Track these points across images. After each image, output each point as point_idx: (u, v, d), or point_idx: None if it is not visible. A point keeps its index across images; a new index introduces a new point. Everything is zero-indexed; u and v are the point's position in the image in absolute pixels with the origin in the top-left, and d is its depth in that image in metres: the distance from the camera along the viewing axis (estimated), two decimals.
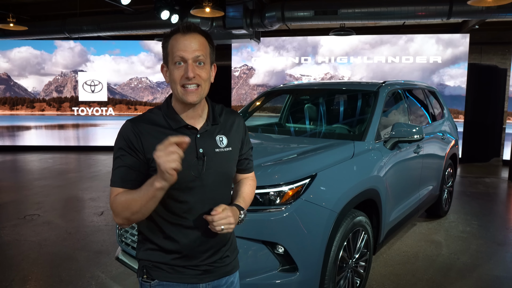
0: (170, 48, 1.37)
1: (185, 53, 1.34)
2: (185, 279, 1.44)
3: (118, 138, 1.39)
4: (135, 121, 1.40)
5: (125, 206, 1.31)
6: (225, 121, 1.51)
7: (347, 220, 2.65)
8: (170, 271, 1.43)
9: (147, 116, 1.43)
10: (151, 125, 1.39)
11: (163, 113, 1.42)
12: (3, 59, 10.85)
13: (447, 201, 5.14)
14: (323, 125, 3.89)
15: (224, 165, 1.46)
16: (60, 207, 5.47)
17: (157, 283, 1.44)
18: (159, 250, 1.44)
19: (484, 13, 6.86)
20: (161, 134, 1.35)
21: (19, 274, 3.46)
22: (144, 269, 1.46)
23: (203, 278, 1.46)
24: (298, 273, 2.39)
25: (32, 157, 9.72)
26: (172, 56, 1.36)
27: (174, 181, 1.21)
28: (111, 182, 1.37)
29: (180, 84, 1.35)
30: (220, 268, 1.50)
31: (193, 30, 1.37)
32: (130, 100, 11.08)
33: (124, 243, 2.93)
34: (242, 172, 1.62)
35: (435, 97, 5.07)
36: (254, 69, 10.21)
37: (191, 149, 1.38)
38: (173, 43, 1.36)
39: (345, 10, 7.32)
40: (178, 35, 1.36)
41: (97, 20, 8.69)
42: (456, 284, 3.34)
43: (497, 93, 9.63)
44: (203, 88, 1.38)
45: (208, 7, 6.81)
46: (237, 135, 1.53)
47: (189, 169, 1.37)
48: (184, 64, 1.35)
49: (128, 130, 1.37)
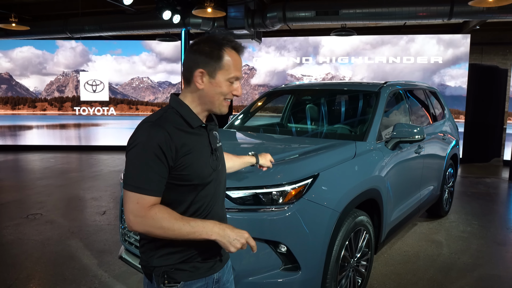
0: (225, 62, 1.42)
1: (239, 73, 1.46)
2: (204, 273, 1.49)
3: (147, 141, 1.32)
4: (163, 124, 1.37)
5: (163, 226, 1.31)
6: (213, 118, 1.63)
7: (349, 220, 2.67)
8: (191, 269, 1.46)
9: (169, 118, 1.41)
10: (177, 127, 1.40)
11: (181, 114, 1.44)
12: (5, 59, 10.89)
13: (448, 201, 5.16)
14: (325, 125, 3.91)
15: (223, 158, 1.63)
16: (63, 207, 5.50)
17: (183, 284, 1.44)
18: (177, 251, 1.44)
19: (485, 14, 6.88)
20: (186, 133, 1.41)
21: (23, 273, 3.49)
22: (165, 275, 1.44)
23: (215, 268, 1.53)
24: (301, 272, 2.41)
25: (34, 156, 9.75)
26: (228, 71, 1.43)
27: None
28: (134, 186, 1.32)
29: (223, 97, 1.46)
30: (225, 255, 1.59)
31: (243, 51, 1.49)
32: (131, 100, 11.11)
33: (127, 242, 2.95)
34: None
35: (436, 97, 5.09)
36: (255, 69, 10.23)
37: (207, 145, 1.49)
38: (229, 59, 1.42)
39: (346, 11, 7.35)
40: (234, 52, 1.44)
41: (99, 20, 8.72)
42: (457, 283, 3.36)
43: (497, 94, 9.65)
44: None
45: (209, 8, 6.84)
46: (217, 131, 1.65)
47: (208, 164, 1.47)
48: (236, 82, 1.47)
49: (161, 135, 1.33)
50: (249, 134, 3.78)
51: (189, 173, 1.39)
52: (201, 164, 1.43)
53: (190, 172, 1.39)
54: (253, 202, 2.41)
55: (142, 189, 1.31)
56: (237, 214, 2.36)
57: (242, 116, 4.28)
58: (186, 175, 1.38)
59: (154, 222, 1.31)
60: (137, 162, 1.32)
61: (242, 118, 4.26)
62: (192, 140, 1.42)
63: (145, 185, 1.32)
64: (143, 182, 1.32)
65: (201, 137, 1.47)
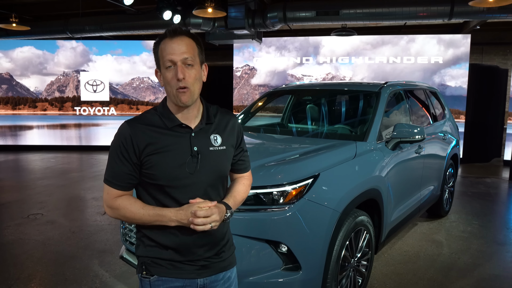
0: (160, 53, 1.43)
1: (174, 56, 1.39)
2: (183, 275, 1.48)
3: (115, 140, 1.45)
4: (132, 122, 1.46)
5: (127, 216, 1.44)
6: (219, 121, 1.56)
7: (349, 220, 2.67)
8: (169, 267, 1.47)
9: (143, 117, 1.48)
10: (147, 125, 1.44)
11: (158, 113, 1.48)
12: (5, 59, 10.89)
13: (448, 201, 5.16)
14: (325, 126, 3.91)
15: (218, 163, 1.51)
16: (63, 207, 5.51)
17: (156, 278, 1.48)
18: (157, 246, 1.48)
19: (485, 14, 6.88)
20: (156, 133, 1.43)
21: (24, 272, 3.50)
22: (143, 266, 1.50)
23: (200, 273, 1.50)
24: (301, 272, 2.41)
25: (34, 156, 9.76)
26: (162, 60, 1.42)
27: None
28: (105, 179, 1.47)
29: (173, 87, 1.41)
30: (217, 263, 1.54)
31: (179, 33, 1.42)
32: (132, 100, 11.12)
33: (128, 241, 2.96)
34: (237, 172, 1.67)
35: (436, 97, 5.10)
36: (255, 69, 10.23)
37: (186, 147, 1.44)
38: (162, 47, 1.42)
39: (347, 11, 7.35)
40: (166, 39, 1.42)
41: (99, 20, 8.72)
42: (457, 283, 3.36)
43: (498, 94, 9.65)
44: (193, 89, 1.43)
45: (210, 8, 6.84)
46: (231, 135, 1.57)
47: (183, 167, 1.42)
48: (174, 67, 1.40)
49: (126, 133, 1.42)
50: (249, 134, 3.79)
51: (154, 173, 1.42)
52: (170, 165, 1.41)
53: (155, 171, 1.42)
54: (254, 202, 2.42)
55: (109, 181, 1.45)
56: (238, 214, 2.37)
57: (242, 116, 4.29)
58: (151, 174, 1.42)
59: (119, 211, 1.44)
60: (109, 157, 1.46)
61: (242, 118, 4.26)
62: (165, 140, 1.43)
63: (111, 179, 1.45)
64: (110, 176, 1.45)
65: (180, 138, 1.45)
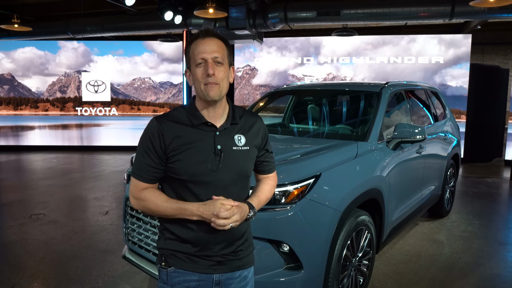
0: (191, 52, 1.50)
1: (205, 54, 1.46)
2: (199, 269, 1.53)
3: (144, 135, 1.52)
4: (160, 118, 1.52)
5: (151, 208, 1.49)
6: (245, 122, 1.60)
7: (351, 219, 2.69)
8: (186, 260, 1.53)
9: (171, 114, 1.55)
10: (174, 122, 1.50)
11: (186, 111, 1.54)
12: (7, 60, 10.92)
13: (449, 201, 5.17)
14: (326, 126, 3.93)
15: (240, 163, 1.54)
16: (65, 207, 5.53)
17: (173, 270, 1.54)
18: (176, 239, 1.53)
19: (486, 14, 6.88)
20: (182, 131, 1.49)
21: (27, 272, 3.52)
22: (163, 257, 1.56)
23: (216, 269, 1.54)
24: (303, 271, 2.43)
25: (36, 157, 9.79)
26: (194, 59, 1.48)
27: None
28: (133, 172, 1.53)
29: (202, 82, 1.47)
30: (233, 261, 1.57)
31: (211, 35, 1.50)
32: (133, 100, 11.14)
33: (131, 241, 2.97)
34: (262, 173, 1.71)
35: (437, 97, 5.11)
36: (256, 69, 10.25)
37: (210, 145, 1.49)
38: (194, 47, 1.49)
39: (348, 11, 7.36)
40: (198, 40, 1.49)
41: (101, 20, 8.74)
42: (458, 283, 3.37)
43: (499, 94, 9.65)
44: (222, 86, 1.49)
45: (211, 8, 6.86)
46: (256, 136, 1.61)
47: (206, 164, 1.47)
48: (205, 64, 1.46)
49: (153, 128, 1.49)
50: None
51: (177, 167, 1.47)
52: (193, 161, 1.47)
53: (178, 166, 1.47)
54: None
55: (136, 174, 1.52)
56: None
57: None
58: (175, 169, 1.48)
59: (144, 203, 1.49)
60: (137, 151, 1.54)
61: None
62: (190, 137, 1.48)
63: (138, 171, 1.52)
64: (137, 168, 1.52)
65: (205, 135, 1.50)
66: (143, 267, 2.80)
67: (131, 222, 2.95)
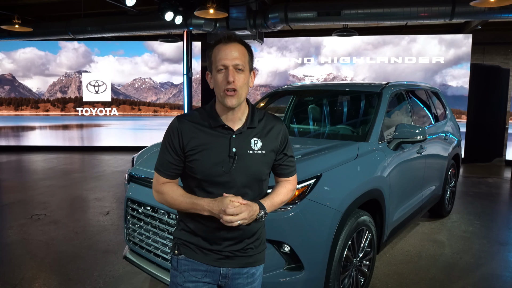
0: (213, 57, 1.52)
1: (226, 60, 1.48)
2: (207, 261, 1.60)
3: (166, 132, 1.60)
4: (181, 118, 1.60)
5: (169, 201, 1.58)
6: (264, 126, 1.62)
7: (352, 220, 2.69)
8: (196, 251, 1.61)
9: (192, 114, 1.61)
10: (194, 123, 1.57)
11: (206, 112, 1.59)
12: (8, 60, 10.94)
13: (450, 201, 5.17)
14: (327, 126, 3.93)
15: (254, 166, 1.57)
16: (66, 207, 5.54)
17: (183, 258, 1.63)
18: (189, 231, 1.62)
19: (486, 14, 6.88)
20: (200, 131, 1.55)
21: (28, 272, 3.52)
22: (176, 245, 1.66)
23: (224, 263, 1.61)
24: (304, 271, 2.43)
25: (37, 157, 9.79)
26: (215, 64, 1.51)
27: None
28: (155, 167, 1.63)
29: (222, 89, 1.49)
30: (242, 257, 1.62)
31: (233, 40, 1.52)
32: (133, 100, 11.15)
33: (132, 242, 2.98)
34: (281, 176, 1.72)
35: (437, 97, 5.11)
36: (257, 70, 10.25)
37: (225, 147, 1.54)
38: (216, 52, 1.51)
39: (348, 11, 7.36)
40: (220, 45, 1.51)
41: (101, 21, 8.75)
42: (459, 283, 3.37)
43: (499, 93, 9.64)
44: (240, 93, 1.51)
45: (212, 8, 6.86)
46: (274, 140, 1.62)
47: (220, 165, 1.52)
48: (226, 70, 1.49)
49: (174, 127, 1.57)
50: None
51: (193, 167, 1.54)
52: (208, 161, 1.52)
53: (195, 166, 1.54)
54: None
55: (157, 169, 1.62)
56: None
57: None
58: (191, 168, 1.55)
59: (163, 196, 1.59)
60: (160, 147, 1.61)
61: None
62: (207, 138, 1.54)
63: (159, 167, 1.61)
64: (159, 164, 1.61)
65: (221, 138, 1.54)
66: (144, 267, 2.80)
67: (132, 222, 2.96)
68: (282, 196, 1.67)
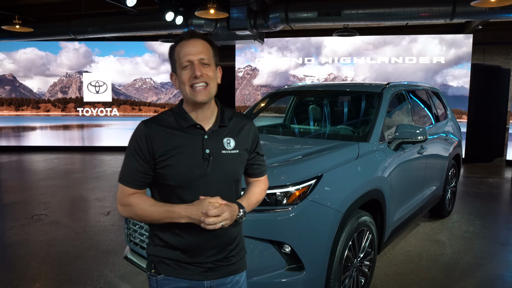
0: (177, 55, 1.47)
1: (191, 56, 1.44)
2: (190, 275, 1.50)
3: (131, 139, 1.48)
4: (148, 122, 1.49)
5: (139, 213, 1.45)
6: (234, 125, 1.56)
7: (352, 220, 2.69)
8: (176, 267, 1.49)
9: (160, 117, 1.51)
10: (162, 126, 1.47)
11: (174, 114, 1.51)
12: (8, 60, 10.95)
13: (451, 201, 5.17)
14: (328, 126, 3.93)
15: (230, 167, 1.51)
16: (67, 207, 5.54)
17: (163, 277, 1.50)
18: (165, 246, 1.50)
19: (487, 14, 6.88)
20: (171, 134, 1.46)
21: (29, 273, 3.53)
22: (152, 264, 1.53)
23: (207, 275, 1.51)
24: (305, 272, 2.43)
25: (38, 157, 9.80)
26: (179, 61, 1.46)
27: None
28: (120, 178, 1.49)
29: (189, 85, 1.44)
30: (225, 266, 1.53)
31: (195, 36, 1.47)
32: (134, 100, 11.15)
33: (132, 242, 2.98)
34: (253, 176, 1.67)
35: (438, 97, 5.11)
36: (257, 70, 10.25)
37: (198, 149, 1.46)
38: (178, 50, 1.46)
39: (349, 11, 7.36)
40: (183, 42, 1.47)
41: (102, 21, 8.76)
42: (459, 283, 3.37)
43: (500, 93, 9.63)
44: (211, 87, 1.46)
45: (212, 9, 6.86)
46: (246, 140, 1.57)
47: (194, 168, 1.43)
48: (191, 66, 1.44)
49: (141, 132, 1.46)
50: None
51: (166, 173, 1.44)
52: (182, 166, 1.43)
53: (168, 172, 1.44)
54: None
55: (123, 180, 1.48)
56: None
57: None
58: (163, 174, 1.45)
59: (130, 208, 1.45)
60: (125, 156, 1.49)
61: None
62: (179, 141, 1.45)
63: (125, 177, 1.48)
64: (124, 174, 1.48)
65: (193, 139, 1.47)
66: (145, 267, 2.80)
67: (133, 223, 2.96)
68: (257, 196, 1.62)
